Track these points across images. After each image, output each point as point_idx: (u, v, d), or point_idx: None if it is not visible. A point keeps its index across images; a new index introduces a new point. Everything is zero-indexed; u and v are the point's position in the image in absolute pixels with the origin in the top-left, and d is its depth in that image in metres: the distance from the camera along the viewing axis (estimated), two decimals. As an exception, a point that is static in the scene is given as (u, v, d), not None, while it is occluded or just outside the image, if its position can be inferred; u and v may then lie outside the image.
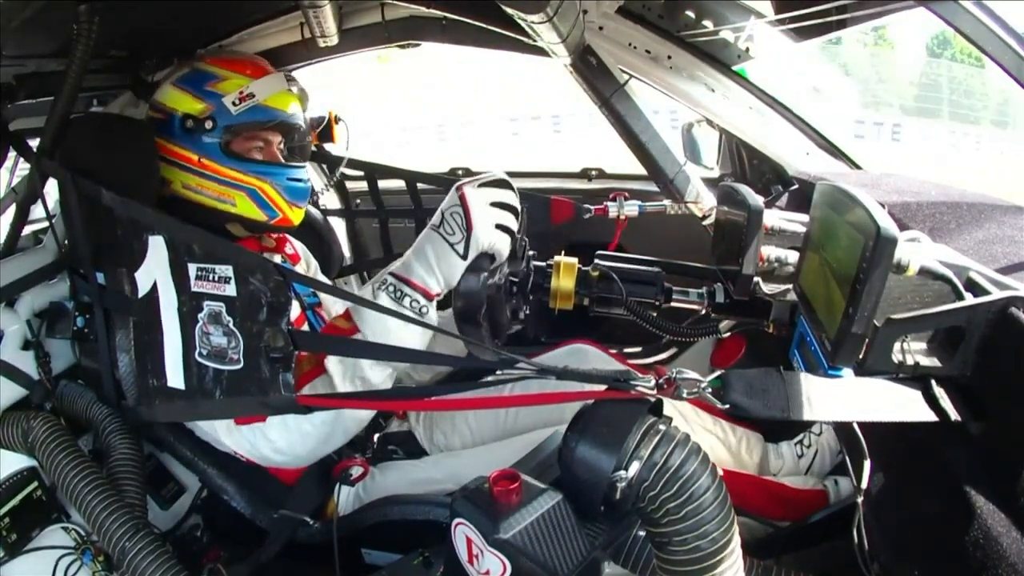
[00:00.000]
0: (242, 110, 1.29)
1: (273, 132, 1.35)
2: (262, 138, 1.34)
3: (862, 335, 0.74)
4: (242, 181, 1.31)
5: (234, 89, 1.29)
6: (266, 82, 1.33)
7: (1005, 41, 0.96)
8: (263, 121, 1.32)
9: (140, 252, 1.10)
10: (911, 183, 1.34)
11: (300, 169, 1.39)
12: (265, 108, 1.31)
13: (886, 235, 0.70)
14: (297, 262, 1.54)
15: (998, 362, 0.73)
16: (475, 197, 1.07)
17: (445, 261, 1.06)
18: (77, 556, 1.13)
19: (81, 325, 1.25)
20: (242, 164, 1.31)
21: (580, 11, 1.30)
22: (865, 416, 0.78)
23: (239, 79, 1.31)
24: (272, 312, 1.00)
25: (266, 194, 1.33)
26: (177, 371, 1.08)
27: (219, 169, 1.30)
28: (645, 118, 1.52)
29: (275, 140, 1.36)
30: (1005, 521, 0.67)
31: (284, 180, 1.35)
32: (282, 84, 1.35)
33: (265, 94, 1.31)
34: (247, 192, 1.31)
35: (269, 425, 1.08)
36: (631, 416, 0.77)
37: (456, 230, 1.06)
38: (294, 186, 1.37)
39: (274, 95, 1.33)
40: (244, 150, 1.32)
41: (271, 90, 1.33)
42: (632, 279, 1.21)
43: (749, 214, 1.05)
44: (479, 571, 0.76)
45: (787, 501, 1.26)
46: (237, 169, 1.31)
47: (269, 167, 1.34)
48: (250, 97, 1.30)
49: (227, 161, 1.30)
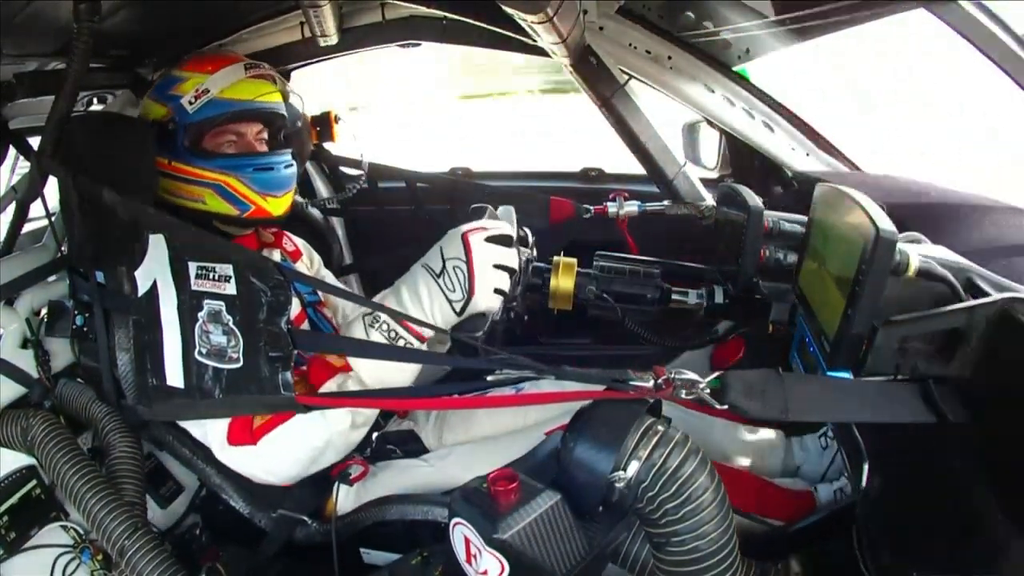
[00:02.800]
0: (198, 107, 1.26)
1: (242, 123, 1.31)
2: (231, 131, 1.30)
3: (861, 336, 0.74)
4: (208, 178, 1.28)
5: (191, 88, 1.26)
6: (221, 75, 1.28)
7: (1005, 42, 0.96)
8: (222, 114, 1.28)
9: (140, 251, 1.11)
10: (911, 184, 1.34)
11: (274, 156, 1.34)
12: (222, 101, 1.27)
13: (885, 236, 0.70)
14: (298, 258, 1.53)
15: (997, 363, 0.73)
16: (480, 257, 1.07)
17: (441, 312, 1.09)
18: (76, 555, 1.13)
19: (80, 324, 1.25)
20: (208, 161, 1.28)
21: (580, 11, 1.30)
22: (864, 417, 0.78)
23: (197, 77, 1.27)
24: (272, 311, 1.00)
25: (232, 187, 1.29)
26: (176, 370, 1.09)
27: (186, 169, 1.27)
28: (645, 118, 1.53)
29: (248, 131, 1.32)
30: (1004, 521, 0.67)
31: (251, 171, 1.30)
32: (239, 74, 1.29)
33: (220, 86, 1.27)
34: (213, 188, 1.28)
35: (260, 450, 1.09)
36: (630, 417, 0.77)
37: (457, 287, 1.07)
38: (263, 176, 1.31)
39: (231, 86, 1.28)
40: (215, 146, 1.30)
41: (227, 81, 1.28)
42: (627, 298, 1.21)
43: (749, 215, 1.05)
44: (477, 571, 0.76)
45: (778, 501, 1.26)
46: (202, 167, 1.28)
47: (234, 159, 1.30)
48: (205, 93, 1.26)
49: (193, 160, 1.28)
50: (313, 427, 1.09)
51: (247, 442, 1.09)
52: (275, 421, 1.09)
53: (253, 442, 1.09)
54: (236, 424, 1.11)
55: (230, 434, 1.11)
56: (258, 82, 1.31)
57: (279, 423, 1.09)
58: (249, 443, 1.09)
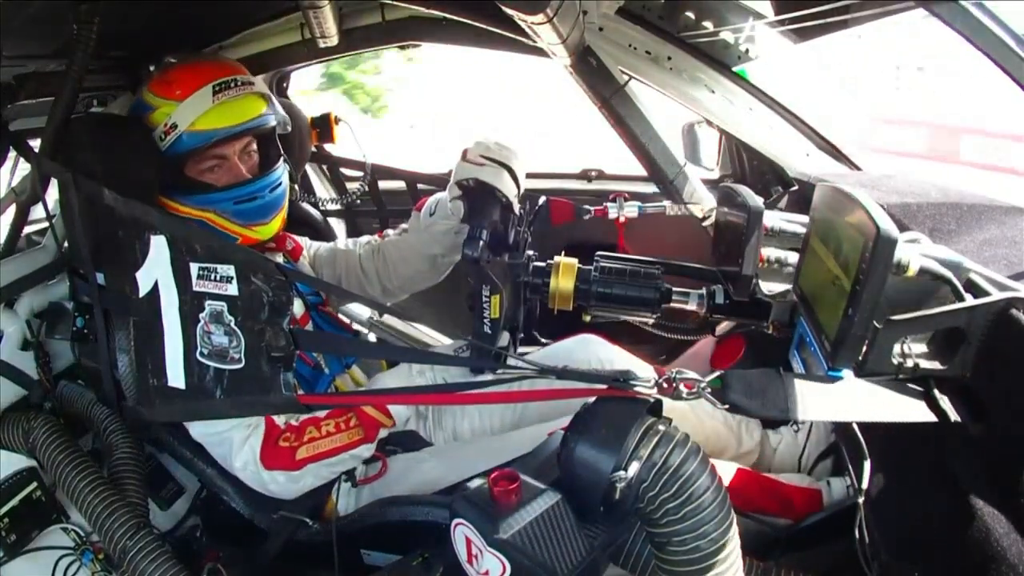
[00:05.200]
0: (168, 144, 1.22)
1: (223, 147, 1.26)
2: (213, 156, 1.26)
3: (862, 336, 0.74)
4: (188, 213, 1.25)
5: (160, 121, 1.22)
6: (189, 104, 1.21)
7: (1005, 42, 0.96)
8: (196, 147, 1.23)
9: (141, 252, 1.11)
10: (911, 184, 1.34)
11: (260, 181, 1.28)
12: (192, 133, 1.22)
13: (886, 236, 0.70)
14: (299, 254, 1.52)
15: (998, 363, 0.73)
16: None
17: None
18: (76, 557, 1.13)
19: (81, 325, 1.25)
20: (186, 197, 1.25)
21: (580, 12, 1.30)
22: (865, 417, 0.78)
23: (166, 106, 1.22)
24: (273, 311, 1.00)
25: (215, 223, 1.26)
26: (178, 371, 1.09)
27: (168, 203, 1.25)
28: (645, 119, 1.52)
29: (231, 151, 1.27)
30: (1005, 521, 0.67)
31: (230, 205, 1.25)
32: (206, 102, 1.22)
33: (188, 120, 1.21)
34: (196, 223, 1.24)
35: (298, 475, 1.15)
36: (630, 417, 0.77)
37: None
38: (244, 207, 1.26)
39: (200, 117, 1.22)
40: (197, 173, 1.26)
41: (195, 112, 1.21)
42: (627, 299, 1.22)
43: (749, 215, 1.05)
44: (478, 571, 0.76)
45: (784, 498, 1.26)
46: (181, 203, 1.25)
47: (213, 195, 1.25)
48: (173, 128, 1.21)
49: (173, 195, 1.25)
50: (349, 464, 1.18)
51: (287, 467, 1.14)
52: (324, 455, 1.15)
53: (295, 468, 1.14)
54: (272, 449, 1.15)
55: (265, 458, 1.14)
56: (230, 103, 1.24)
57: (327, 457, 1.15)
58: (291, 468, 1.14)
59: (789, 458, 1.41)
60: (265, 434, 1.15)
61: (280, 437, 1.15)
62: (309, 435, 1.15)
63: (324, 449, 1.14)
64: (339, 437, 1.15)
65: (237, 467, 1.16)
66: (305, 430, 1.15)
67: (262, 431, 1.15)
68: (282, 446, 1.14)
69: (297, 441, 1.15)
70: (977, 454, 0.74)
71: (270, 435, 1.15)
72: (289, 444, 1.14)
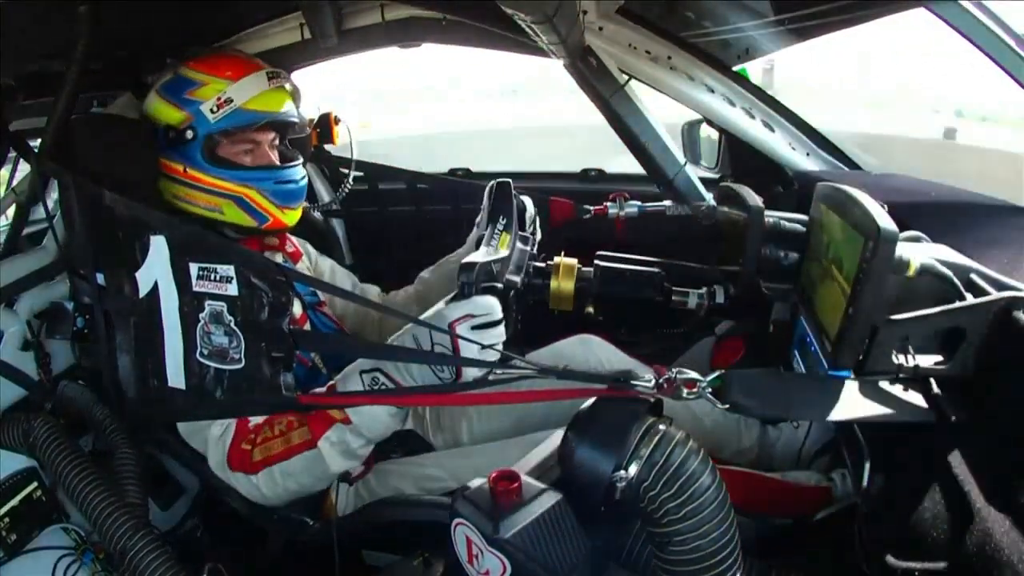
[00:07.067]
0: (220, 117, 1.25)
1: (260, 133, 1.32)
2: (249, 140, 1.30)
3: (863, 335, 0.74)
4: (228, 189, 1.28)
5: (212, 95, 1.25)
6: (245, 84, 1.27)
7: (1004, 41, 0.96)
8: (244, 125, 1.28)
9: (141, 252, 1.10)
10: (911, 183, 1.34)
11: (291, 169, 1.35)
12: (245, 111, 1.27)
13: (886, 235, 0.70)
14: (299, 259, 1.54)
15: (998, 363, 0.73)
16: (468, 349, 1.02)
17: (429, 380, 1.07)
18: (77, 557, 1.13)
19: (81, 326, 1.26)
20: (228, 172, 1.28)
21: (580, 11, 1.30)
22: (865, 416, 0.78)
23: (217, 83, 1.26)
24: (273, 311, 1.00)
25: (253, 200, 1.29)
26: (178, 371, 1.08)
27: (204, 179, 1.27)
28: (645, 119, 1.53)
29: (265, 139, 1.33)
30: (1005, 522, 0.67)
31: (271, 184, 1.31)
32: (262, 84, 1.29)
33: (245, 97, 1.26)
34: (234, 200, 1.28)
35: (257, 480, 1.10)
36: (631, 416, 0.77)
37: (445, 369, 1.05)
38: (283, 188, 1.33)
39: (255, 97, 1.28)
40: (232, 154, 1.30)
41: (251, 92, 1.27)
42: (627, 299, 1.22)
43: (749, 214, 1.05)
44: (479, 571, 0.76)
45: (791, 497, 1.26)
46: (222, 178, 1.27)
47: (255, 172, 1.30)
48: (228, 103, 1.25)
49: (212, 170, 1.27)
50: (312, 470, 1.08)
51: (246, 470, 1.10)
52: (275, 458, 1.08)
53: (252, 472, 1.09)
54: (236, 451, 1.11)
55: (231, 459, 1.11)
56: (279, 92, 1.32)
57: (278, 460, 1.08)
58: (249, 472, 1.10)
59: (789, 454, 1.41)
60: (235, 433, 1.13)
61: (245, 439, 1.13)
62: (263, 435, 1.11)
63: (276, 451, 1.09)
64: (290, 436, 1.10)
65: (212, 465, 1.14)
66: (261, 430, 1.12)
67: (232, 431, 1.13)
68: (244, 448, 1.12)
69: (255, 443, 1.11)
70: (977, 454, 0.74)
71: (239, 435, 1.13)
72: (250, 446, 1.11)
